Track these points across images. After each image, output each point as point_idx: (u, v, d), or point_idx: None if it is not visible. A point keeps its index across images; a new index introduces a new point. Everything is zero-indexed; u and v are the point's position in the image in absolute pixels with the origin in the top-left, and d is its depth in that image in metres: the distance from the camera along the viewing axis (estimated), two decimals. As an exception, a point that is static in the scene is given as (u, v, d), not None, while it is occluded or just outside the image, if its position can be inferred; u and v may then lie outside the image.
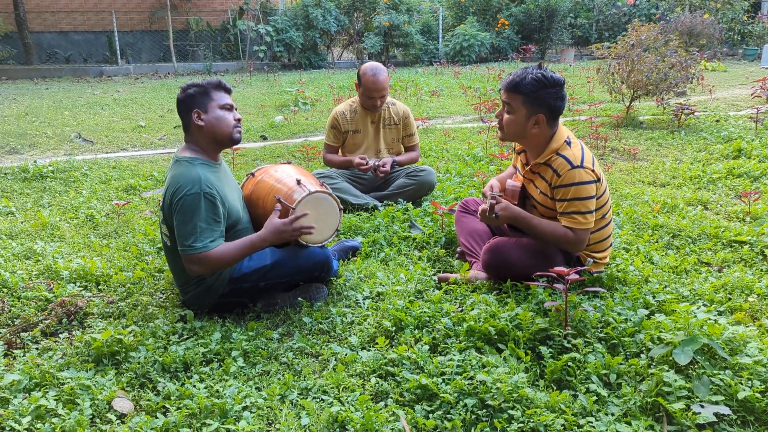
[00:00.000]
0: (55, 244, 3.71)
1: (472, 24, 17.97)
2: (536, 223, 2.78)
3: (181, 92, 2.82)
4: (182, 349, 2.44)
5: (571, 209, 2.72)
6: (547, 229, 2.76)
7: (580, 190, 2.70)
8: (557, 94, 2.70)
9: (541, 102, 2.70)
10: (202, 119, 2.77)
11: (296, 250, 2.88)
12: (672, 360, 2.25)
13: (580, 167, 2.70)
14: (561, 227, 2.75)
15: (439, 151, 6.02)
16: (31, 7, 17.93)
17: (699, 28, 14.94)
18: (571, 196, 2.71)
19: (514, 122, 2.78)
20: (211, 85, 2.81)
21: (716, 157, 5.54)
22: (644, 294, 2.77)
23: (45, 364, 2.33)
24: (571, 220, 2.73)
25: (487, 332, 2.45)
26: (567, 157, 2.72)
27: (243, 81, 14.12)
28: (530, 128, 2.76)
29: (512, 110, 2.77)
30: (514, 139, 2.87)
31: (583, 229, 2.73)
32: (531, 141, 2.82)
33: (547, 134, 2.79)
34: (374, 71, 4.19)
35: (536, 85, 2.68)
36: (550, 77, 2.68)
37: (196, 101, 2.78)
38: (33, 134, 7.64)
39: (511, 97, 2.76)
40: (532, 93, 2.69)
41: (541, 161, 2.80)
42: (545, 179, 2.81)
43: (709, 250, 3.43)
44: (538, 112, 2.72)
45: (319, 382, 2.26)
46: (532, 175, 2.89)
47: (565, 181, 2.71)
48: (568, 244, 2.76)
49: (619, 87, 7.66)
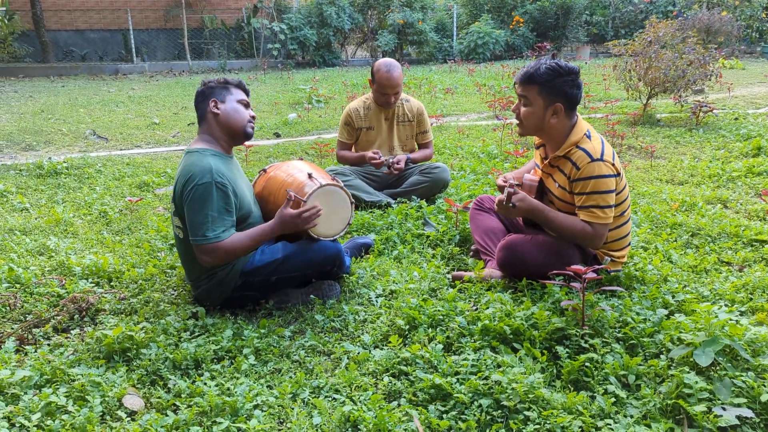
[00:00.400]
0: (68, 240, 3.70)
1: (487, 21, 17.85)
2: (554, 216, 2.73)
3: (202, 85, 2.90)
4: (193, 346, 2.42)
5: (590, 203, 2.67)
6: (564, 223, 2.71)
7: (599, 183, 2.65)
8: (573, 81, 2.68)
9: (558, 91, 2.67)
10: (218, 107, 2.81)
11: (308, 244, 2.85)
12: (692, 361, 2.19)
13: (600, 160, 2.65)
14: (579, 221, 2.70)
15: (453, 149, 5.97)
16: (47, 5, 18.05)
17: (717, 25, 14.72)
18: (590, 190, 2.66)
19: (532, 114, 2.74)
20: (232, 82, 2.90)
21: (735, 155, 5.45)
22: (663, 293, 2.71)
23: (56, 361, 2.32)
24: (589, 214, 2.68)
25: (502, 331, 2.40)
26: (587, 149, 2.68)
27: (257, 79, 14.13)
28: (549, 119, 2.72)
29: (529, 102, 2.74)
30: (533, 133, 2.83)
31: (601, 224, 2.68)
32: (550, 133, 2.78)
33: (566, 125, 2.75)
34: (388, 67, 4.15)
35: (551, 74, 2.65)
36: (565, 66, 2.66)
37: (215, 92, 2.85)
38: (48, 131, 7.67)
39: (526, 89, 2.73)
40: (547, 82, 2.67)
41: (560, 154, 2.75)
42: (564, 173, 2.76)
43: (730, 249, 3.36)
44: (555, 101, 2.69)
45: (331, 381, 2.23)
46: (551, 168, 2.85)
47: (584, 174, 2.66)
48: (585, 239, 2.70)
49: (636, 84, 7.55)
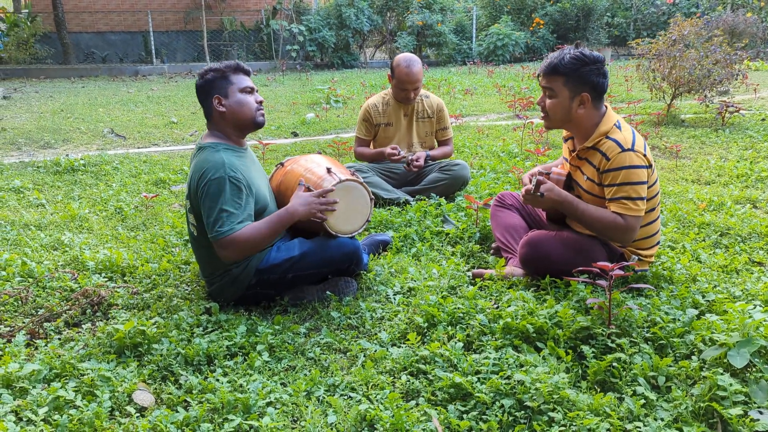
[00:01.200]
0: (83, 236, 3.67)
1: (507, 23, 17.74)
2: (583, 208, 2.63)
3: (200, 78, 2.75)
4: (206, 342, 2.35)
5: (621, 194, 2.56)
6: (594, 215, 2.60)
7: (630, 174, 2.54)
8: (599, 70, 2.59)
9: (584, 80, 2.58)
10: (223, 105, 2.69)
11: (325, 241, 2.78)
12: (726, 362, 2.09)
13: (631, 150, 2.55)
14: (610, 213, 2.59)
15: (473, 148, 5.88)
16: (69, 8, 18.25)
17: (741, 26, 14.47)
18: (621, 181, 2.55)
19: (559, 105, 2.65)
20: (229, 68, 2.72)
21: (764, 156, 5.30)
22: (693, 293, 2.60)
23: (66, 355, 2.27)
24: (620, 205, 2.57)
25: (524, 330, 2.31)
26: (617, 139, 2.58)
27: (275, 80, 14.13)
28: (575, 109, 2.63)
29: (554, 94, 2.64)
30: (560, 125, 2.74)
31: (633, 216, 2.56)
32: (578, 124, 2.68)
33: (594, 116, 2.65)
34: (408, 62, 4.08)
35: (576, 63, 2.56)
36: (590, 54, 2.58)
37: (216, 86, 2.70)
38: (67, 129, 7.70)
39: (551, 80, 2.63)
40: (572, 72, 2.57)
41: (589, 145, 2.65)
42: (593, 164, 2.66)
43: (761, 249, 3.24)
44: (582, 91, 2.59)
45: (347, 379, 2.15)
46: (579, 161, 2.75)
47: (614, 164, 2.56)
48: (617, 231, 2.59)
49: (660, 84, 7.41)
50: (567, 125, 2.73)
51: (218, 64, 2.75)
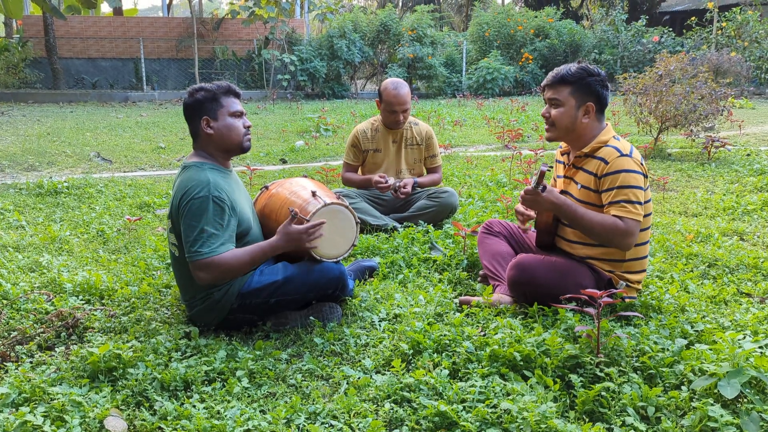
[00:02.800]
0: (62, 258, 3.59)
1: (496, 58, 17.95)
2: (583, 212, 2.63)
3: (189, 96, 2.69)
4: (184, 366, 2.28)
5: (621, 197, 2.59)
6: (595, 219, 2.60)
7: (628, 177, 2.59)
8: (602, 82, 2.72)
9: (590, 90, 2.69)
10: (211, 127, 2.65)
11: (310, 265, 2.72)
12: (716, 393, 2.04)
13: (629, 156, 2.63)
14: (610, 216, 2.59)
15: (462, 177, 5.87)
16: (61, 33, 18.28)
17: (726, 65, 14.75)
18: (620, 183, 2.59)
19: (565, 114, 2.72)
20: (220, 90, 2.68)
21: (749, 189, 5.33)
22: (682, 323, 2.56)
23: (36, 378, 2.18)
24: (620, 208, 2.58)
25: (511, 358, 2.26)
26: (616, 146, 2.67)
27: (266, 108, 14.17)
28: (580, 119, 2.71)
29: (560, 103, 2.72)
30: (563, 135, 2.79)
31: (633, 219, 2.57)
32: (580, 134, 2.75)
33: (596, 128, 2.75)
34: (395, 85, 4.08)
35: (582, 73, 2.69)
36: (593, 67, 2.72)
37: (205, 108, 2.65)
38: (52, 152, 7.63)
39: (557, 90, 2.72)
40: (579, 81, 2.69)
41: (587, 151, 2.72)
42: (589, 171, 2.70)
43: (749, 281, 3.22)
44: (587, 100, 2.70)
45: (329, 407, 2.08)
46: (574, 171, 2.79)
47: (613, 168, 2.61)
48: (617, 235, 2.57)
49: (647, 118, 7.48)
50: (570, 135, 2.77)
51: (210, 85, 2.70)
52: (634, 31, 19.55)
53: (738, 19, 17.38)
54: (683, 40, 19.24)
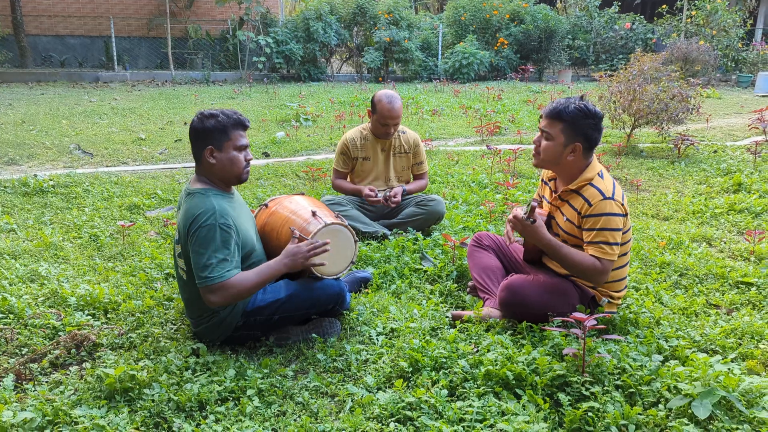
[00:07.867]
0: (60, 266, 3.66)
1: (472, 42, 18.06)
2: (565, 252, 2.79)
3: (198, 121, 2.71)
4: (197, 386, 2.41)
5: (599, 239, 2.76)
6: (576, 258, 2.78)
7: (609, 221, 2.74)
8: (596, 125, 2.79)
9: (581, 131, 2.78)
10: (214, 157, 2.71)
11: (311, 282, 2.87)
12: (690, 412, 2.24)
13: (611, 199, 2.76)
14: (588, 257, 2.78)
15: (444, 176, 6.03)
16: (28, 10, 17.87)
17: (694, 54, 15.11)
18: (600, 226, 2.75)
19: (552, 149, 2.84)
20: (230, 121, 2.71)
21: (717, 191, 5.58)
22: (657, 338, 2.78)
23: (57, 400, 2.29)
24: (598, 249, 2.76)
25: (504, 377, 2.44)
26: (599, 187, 2.79)
27: (242, 92, 14.10)
28: (566, 156, 2.83)
29: (551, 137, 2.83)
30: (548, 166, 2.93)
31: (608, 260, 2.76)
32: (564, 168, 2.88)
33: (581, 164, 2.85)
34: (390, 99, 4.19)
35: (578, 114, 2.76)
36: (592, 109, 2.78)
37: (212, 138, 2.69)
38: (31, 144, 7.58)
39: (551, 123, 2.83)
40: (572, 121, 2.77)
41: (573, 187, 2.85)
42: (574, 207, 2.85)
43: (717, 291, 3.45)
44: (576, 140, 2.79)
45: (337, 425, 2.24)
46: (560, 202, 2.94)
47: (595, 210, 2.75)
48: (594, 273, 2.78)
49: (620, 115, 7.72)
50: (555, 167, 2.92)
51: (220, 113, 2.71)
52: (607, 18, 19.82)
53: (707, 8, 17.72)
54: (654, 26, 19.55)
